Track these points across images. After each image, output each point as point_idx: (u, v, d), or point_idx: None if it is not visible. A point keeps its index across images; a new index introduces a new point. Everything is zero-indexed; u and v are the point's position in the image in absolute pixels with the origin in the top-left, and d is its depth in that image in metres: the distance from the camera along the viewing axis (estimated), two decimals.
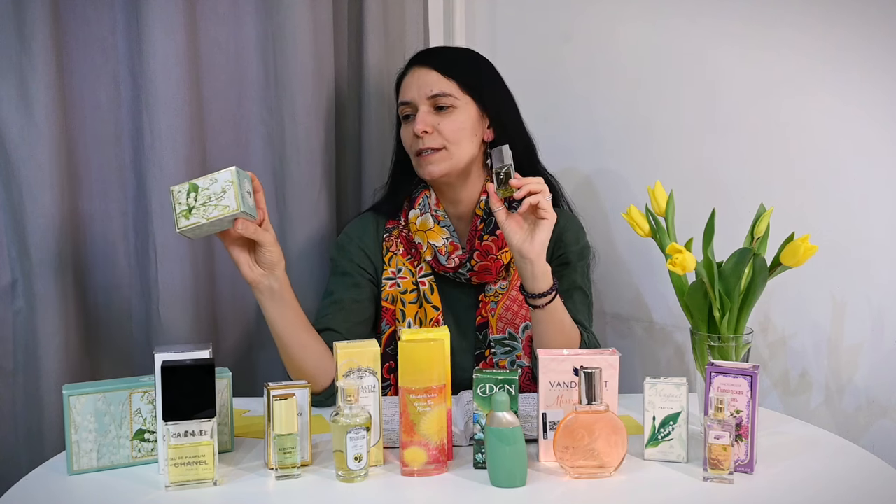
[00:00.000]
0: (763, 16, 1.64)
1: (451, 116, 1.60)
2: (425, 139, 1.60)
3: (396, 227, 1.69)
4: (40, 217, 1.54)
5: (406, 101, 1.63)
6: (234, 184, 1.31)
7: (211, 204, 1.30)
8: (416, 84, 1.62)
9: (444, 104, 1.60)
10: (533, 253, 1.43)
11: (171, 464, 1.20)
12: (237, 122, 1.75)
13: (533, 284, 1.46)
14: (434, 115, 1.61)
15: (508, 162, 1.44)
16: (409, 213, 1.67)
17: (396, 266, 1.66)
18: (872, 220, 1.53)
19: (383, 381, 1.58)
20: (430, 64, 1.63)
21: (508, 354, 1.62)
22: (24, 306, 1.56)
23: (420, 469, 1.26)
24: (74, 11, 1.59)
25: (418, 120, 1.60)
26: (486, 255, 1.62)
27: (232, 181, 1.31)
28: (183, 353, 1.23)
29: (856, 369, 1.57)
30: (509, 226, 1.44)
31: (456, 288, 1.66)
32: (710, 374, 1.27)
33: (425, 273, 1.65)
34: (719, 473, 1.22)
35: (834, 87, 1.56)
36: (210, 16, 1.69)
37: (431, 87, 1.60)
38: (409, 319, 1.63)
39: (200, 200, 1.30)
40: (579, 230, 1.70)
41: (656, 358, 1.89)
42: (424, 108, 1.61)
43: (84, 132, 1.62)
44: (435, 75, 1.61)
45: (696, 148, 1.78)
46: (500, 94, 1.67)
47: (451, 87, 1.61)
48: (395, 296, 1.65)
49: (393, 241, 1.68)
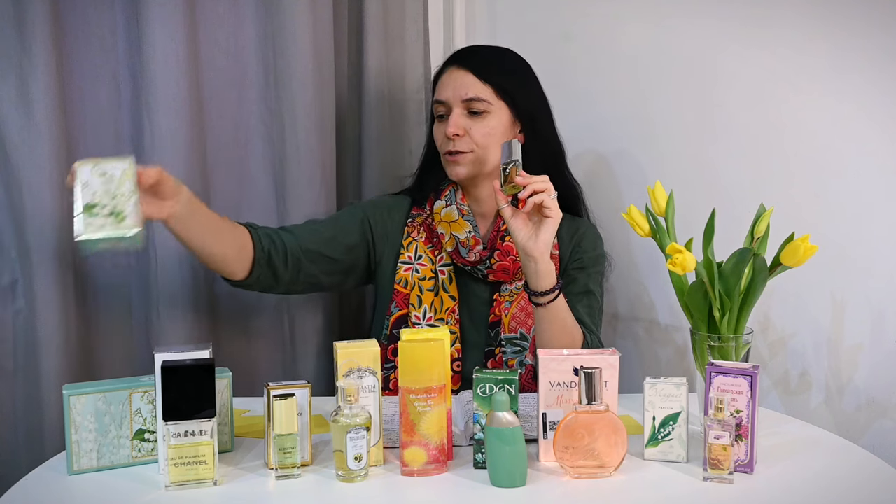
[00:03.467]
0: (763, 16, 1.64)
1: (484, 121, 1.61)
2: (456, 142, 1.61)
3: (421, 214, 1.71)
4: (40, 217, 1.53)
5: (441, 101, 1.64)
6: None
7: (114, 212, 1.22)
8: (452, 85, 1.63)
9: (477, 109, 1.61)
10: (537, 251, 1.43)
11: (171, 464, 1.20)
12: (237, 122, 1.75)
13: (536, 282, 1.46)
14: (466, 119, 1.62)
15: (515, 158, 1.44)
16: (435, 204, 1.68)
17: (416, 252, 1.67)
18: (873, 220, 1.53)
19: (387, 362, 1.60)
20: (467, 66, 1.63)
21: (518, 354, 1.63)
22: (24, 306, 1.56)
23: (420, 469, 1.26)
24: (74, 11, 1.59)
25: (451, 122, 1.61)
26: (507, 255, 1.63)
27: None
28: (183, 353, 1.23)
29: (856, 369, 1.57)
30: (515, 223, 1.45)
31: (473, 282, 1.67)
32: (710, 374, 1.27)
33: (445, 263, 1.67)
34: (719, 473, 1.22)
35: (834, 87, 1.56)
36: (210, 16, 1.69)
37: (467, 91, 1.61)
38: (426, 306, 1.64)
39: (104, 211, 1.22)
40: (597, 238, 1.72)
41: (656, 358, 1.89)
42: (458, 111, 1.62)
43: (84, 132, 1.62)
44: (471, 78, 1.62)
45: (696, 148, 1.78)
46: (534, 100, 1.67)
47: (486, 92, 1.61)
48: (410, 280, 1.66)
49: (416, 228, 1.69)
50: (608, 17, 1.91)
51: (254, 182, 1.77)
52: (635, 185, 1.85)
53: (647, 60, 1.84)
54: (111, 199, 1.17)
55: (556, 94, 1.70)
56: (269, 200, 1.78)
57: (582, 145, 1.95)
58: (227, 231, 1.51)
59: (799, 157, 1.62)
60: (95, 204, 1.16)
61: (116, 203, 1.16)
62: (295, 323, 1.80)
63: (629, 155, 1.89)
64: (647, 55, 1.84)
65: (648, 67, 1.84)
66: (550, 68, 1.71)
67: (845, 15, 1.53)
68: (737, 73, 1.69)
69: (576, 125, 1.76)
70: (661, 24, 1.81)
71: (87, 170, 1.15)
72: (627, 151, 1.90)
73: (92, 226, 1.15)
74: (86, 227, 1.15)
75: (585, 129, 1.94)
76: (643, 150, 1.87)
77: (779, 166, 1.65)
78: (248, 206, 1.77)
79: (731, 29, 1.69)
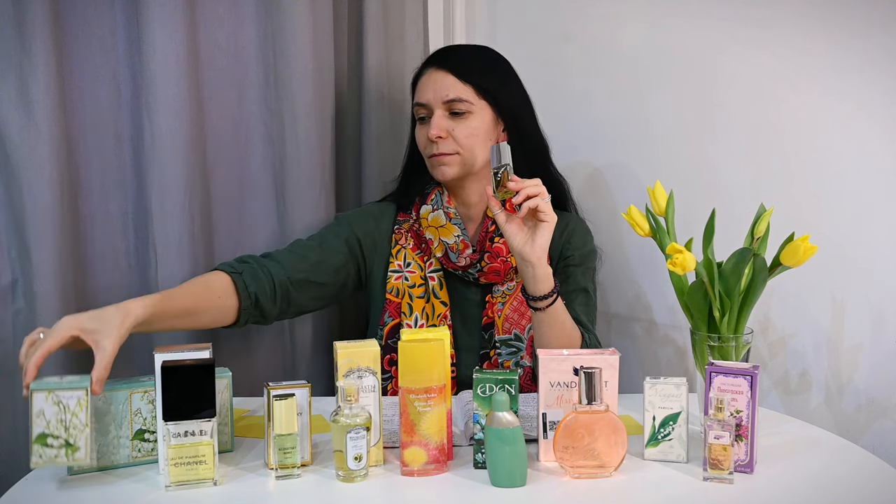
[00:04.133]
0: (763, 16, 1.64)
1: (466, 122, 1.60)
2: (439, 144, 1.60)
3: (407, 220, 1.69)
4: (40, 217, 1.53)
5: (421, 103, 1.63)
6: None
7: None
8: (432, 87, 1.62)
9: (459, 110, 1.60)
10: (534, 256, 1.43)
11: (171, 464, 1.20)
12: (237, 122, 1.75)
13: (535, 287, 1.45)
14: (449, 120, 1.61)
15: (506, 162, 1.42)
16: (421, 209, 1.67)
17: (405, 259, 1.66)
18: (873, 219, 1.53)
19: (384, 373, 1.59)
20: (446, 66, 1.62)
21: (513, 355, 1.62)
22: (24, 306, 1.56)
23: (420, 469, 1.26)
24: (74, 11, 1.59)
25: (433, 125, 1.60)
26: (497, 256, 1.62)
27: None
28: (183, 353, 1.23)
29: (856, 369, 1.57)
30: (510, 229, 1.44)
31: (464, 285, 1.66)
32: (710, 374, 1.27)
33: (434, 269, 1.66)
34: (719, 473, 1.22)
35: (834, 87, 1.56)
36: (210, 16, 1.69)
37: (447, 92, 1.60)
38: (416, 314, 1.63)
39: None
40: (587, 233, 1.71)
41: (656, 358, 1.89)
42: (439, 113, 1.61)
43: (84, 132, 1.61)
44: (451, 79, 1.61)
45: (696, 148, 1.78)
46: (516, 97, 1.66)
47: (466, 93, 1.60)
48: (401, 289, 1.65)
49: (403, 235, 1.68)
50: (608, 17, 1.91)
51: (254, 182, 1.77)
52: (635, 185, 1.85)
53: (647, 60, 1.84)
54: (65, 429, 1.19)
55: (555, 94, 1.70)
56: (269, 200, 1.78)
57: (581, 145, 1.95)
58: (200, 308, 1.47)
59: (799, 157, 1.62)
60: (49, 434, 1.18)
61: (69, 434, 1.19)
62: (295, 323, 1.80)
63: (629, 155, 1.89)
64: (647, 55, 1.84)
65: (648, 67, 1.84)
66: (550, 68, 1.72)
67: (845, 15, 1.53)
68: (737, 73, 1.69)
69: (575, 125, 1.76)
70: (660, 24, 1.81)
71: (42, 397, 1.18)
72: (627, 152, 1.89)
73: (44, 456, 1.18)
74: (38, 456, 1.18)
75: (585, 129, 1.94)
76: (643, 151, 1.87)
77: (779, 166, 1.65)
78: (248, 206, 1.77)
79: (731, 29, 1.69)
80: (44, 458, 1.18)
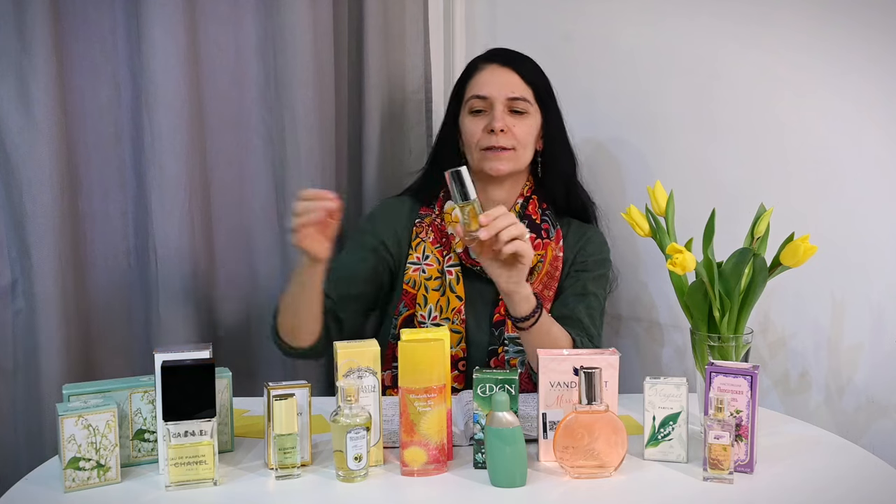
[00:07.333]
0: (762, 15, 1.64)
1: (525, 121, 1.65)
2: (500, 138, 1.62)
3: (429, 214, 1.70)
4: (40, 217, 1.53)
5: (482, 96, 1.65)
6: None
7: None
8: (496, 82, 1.65)
9: (520, 109, 1.64)
10: (519, 286, 1.44)
11: (172, 464, 1.20)
12: (237, 122, 1.75)
13: (517, 310, 1.47)
14: (510, 116, 1.64)
15: (473, 197, 1.37)
16: (445, 204, 1.68)
17: (424, 252, 1.67)
18: (872, 220, 1.53)
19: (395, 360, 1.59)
20: (511, 65, 1.66)
21: (520, 353, 1.63)
22: (24, 306, 1.56)
23: (420, 469, 1.26)
24: (74, 11, 1.59)
25: (498, 117, 1.62)
26: None
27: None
28: (183, 353, 1.23)
29: (856, 369, 1.57)
30: (497, 272, 1.44)
31: (479, 282, 1.67)
32: (710, 374, 1.27)
33: (453, 263, 1.66)
34: (719, 473, 1.22)
35: (833, 86, 1.56)
36: (210, 16, 1.69)
37: (513, 90, 1.64)
38: (431, 306, 1.64)
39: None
40: (603, 244, 1.73)
41: (656, 358, 1.89)
42: (501, 108, 1.63)
43: (84, 132, 1.62)
44: (517, 78, 1.65)
45: (696, 148, 1.78)
46: (558, 111, 1.71)
47: (528, 94, 1.65)
48: (418, 280, 1.66)
49: (424, 228, 1.69)
50: (608, 17, 1.91)
51: (254, 182, 1.77)
52: (635, 185, 1.85)
53: (647, 60, 1.84)
54: (95, 451, 1.22)
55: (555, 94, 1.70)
56: (270, 200, 1.78)
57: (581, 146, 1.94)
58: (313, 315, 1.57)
59: (799, 157, 1.62)
60: (80, 458, 1.21)
61: (100, 455, 1.22)
62: None
63: (629, 155, 1.89)
64: (647, 55, 1.84)
65: (648, 67, 1.84)
66: (550, 68, 1.72)
67: (845, 15, 1.53)
68: (737, 73, 1.69)
69: (575, 125, 1.76)
70: (660, 23, 1.81)
71: (72, 423, 1.21)
72: (627, 152, 1.89)
73: (77, 480, 1.21)
74: (72, 480, 1.21)
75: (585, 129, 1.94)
76: (643, 151, 1.86)
77: (779, 166, 1.65)
78: (248, 206, 1.77)
79: (731, 29, 1.69)
80: (77, 481, 1.21)
